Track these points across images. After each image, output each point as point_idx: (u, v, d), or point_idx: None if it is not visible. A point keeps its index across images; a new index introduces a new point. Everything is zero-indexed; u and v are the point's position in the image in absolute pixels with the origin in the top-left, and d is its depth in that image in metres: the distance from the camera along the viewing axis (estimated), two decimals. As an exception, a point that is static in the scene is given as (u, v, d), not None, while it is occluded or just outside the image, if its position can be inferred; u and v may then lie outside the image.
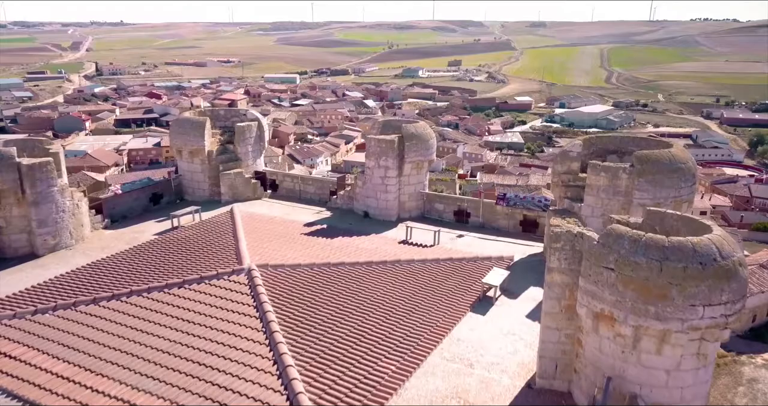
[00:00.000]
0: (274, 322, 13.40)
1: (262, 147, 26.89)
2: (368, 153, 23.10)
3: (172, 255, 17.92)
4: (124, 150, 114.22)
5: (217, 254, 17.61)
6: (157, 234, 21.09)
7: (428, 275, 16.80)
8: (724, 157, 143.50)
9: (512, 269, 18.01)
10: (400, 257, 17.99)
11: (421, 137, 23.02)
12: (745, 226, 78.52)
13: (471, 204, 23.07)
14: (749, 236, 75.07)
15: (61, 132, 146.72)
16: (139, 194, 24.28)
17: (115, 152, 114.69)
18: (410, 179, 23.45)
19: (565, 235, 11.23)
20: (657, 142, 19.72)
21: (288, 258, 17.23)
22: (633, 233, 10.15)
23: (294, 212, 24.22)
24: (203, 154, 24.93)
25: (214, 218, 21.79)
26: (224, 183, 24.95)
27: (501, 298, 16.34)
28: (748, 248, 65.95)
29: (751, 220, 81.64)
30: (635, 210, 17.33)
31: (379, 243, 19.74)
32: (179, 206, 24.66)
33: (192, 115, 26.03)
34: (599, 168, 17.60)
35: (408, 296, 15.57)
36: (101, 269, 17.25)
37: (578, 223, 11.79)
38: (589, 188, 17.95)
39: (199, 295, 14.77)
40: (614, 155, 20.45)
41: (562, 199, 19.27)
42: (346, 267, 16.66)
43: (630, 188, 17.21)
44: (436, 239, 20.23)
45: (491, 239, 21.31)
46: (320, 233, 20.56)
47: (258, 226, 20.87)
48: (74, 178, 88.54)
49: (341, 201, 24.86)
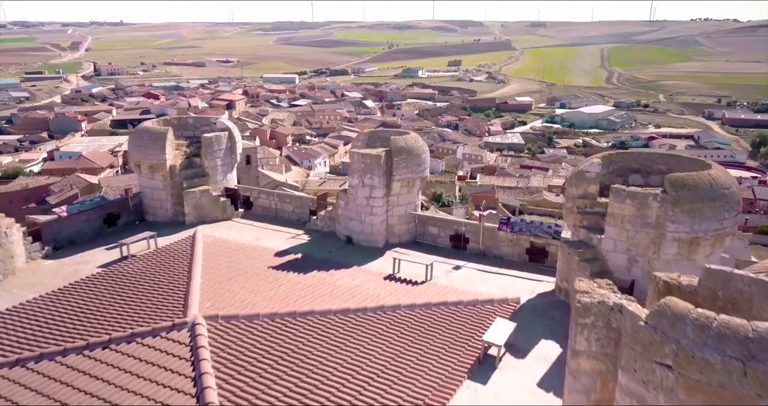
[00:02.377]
0: (214, 404, 10.34)
1: (234, 160, 23.82)
2: (351, 169, 20.03)
3: (107, 298, 14.85)
4: (120, 152, 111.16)
5: (162, 298, 14.56)
6: (102, 266, 18.03)
7: (416, 327, 13.72)
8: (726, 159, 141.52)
9: (519, 316, 14.96)
10: (383, 300, 14.93)
11: (412, 151, 19.96)
12: (749, 229, 75.93)
13: (470, 228, 20.01)
14: (754, 239, 72.29)
15: (57, 133, 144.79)
16: (90, 216, 21.22)
17: (110, 154, 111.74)
18: (400, 199, 20.39)
19: (598, 308, 8.15)
20: (689, 161, 16.63)
21: (246, 304, 14.18)
22: (700, 315, 7.07)
23: (267, 235, 21.15)
24: (164, 169, 21.86)
25: (171, 247, 18.75)
26: (188, 202, 21.89)
27: (506, 356, 13.27)
28: (754, 252, 63.00)
29: (756, 223, 79.15)
30: (669, 245, 14.30)
31: (361, 279, 16.66)
32: (138, 228, 21.69)
33: (153, 125, 22.96)
34: (624, 194, 14.53)
35: (390, 358, 12.50)
36: (16, 318, 14.18)
37: (613, 287, 8.69)
38: (612, 218, 14.89)
39: (125, 360, 11.70)
40: (638, 175, 17.42)
41: (578, 228, 16.21)
42: (316, 318, 13.60)
43: (662, 219, 14.16)
44: (428, 274, 17.16)
45: (493, 271, 18.24)
46: (293, 266, 17.47)
47: (220, 257, 17.81)
48: (67, 180, 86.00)
49: (322, 223, 21.81)
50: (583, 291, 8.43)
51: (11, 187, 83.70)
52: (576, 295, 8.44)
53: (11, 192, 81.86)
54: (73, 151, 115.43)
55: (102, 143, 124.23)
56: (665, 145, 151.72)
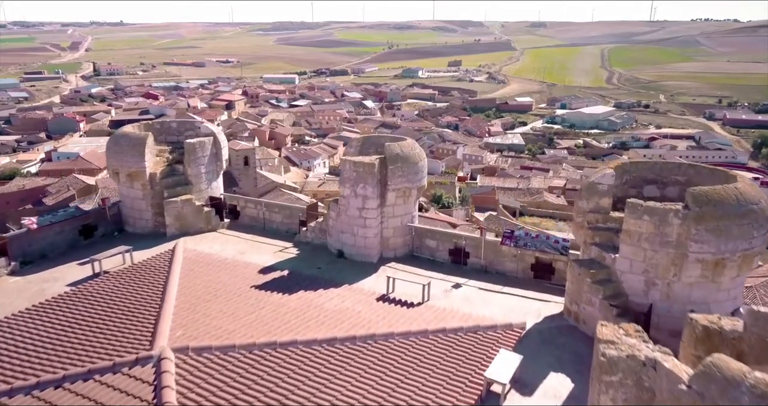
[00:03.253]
0: (174, 458, 8.94)
1: (219, 167, 22.40)
2: (343, 178, 18.61)
3: (70, 325, 13.43)
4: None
5: (130, 324, 13.15)
6: (71, 284, 16.62)
7: (411, 360, 12.30)
8: (728, 159, 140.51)
9: (524, 344, 13.55)
10: (375, 326, 13.52)
11: (408, 159, 18.54)
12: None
13: (470, 242, 18.59)
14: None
15: (55, 133, 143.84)
16: (63, 227, 19.82)
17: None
18: (395, 210, 18.97)
19: (626, 363, 6.74)
20: (710, 172, 15.22)
21: (222, 332, 12.76)
22: (759, 381, 5.67)
23: (253, 248, 19.74)
24: (144, 177, 20.44)
25: (147, 262, 17.31)
26: (169, 213, 20.47)
27: (511, 393, 11.85)
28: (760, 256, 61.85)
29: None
30: (691, 267, 12.89)
31: (352, 301, 15.24)
32: (117, 240, 20.32)
33: (133, 129, 21.55)
34: (641, 209, 13.11)
35: (382, 396, 11.07)
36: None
37: (642, 335, 7.26)
38: (627, 235, 13.47)
39: (80, 402, 10.31)
40: (653, 186, 16.01)
41: (589, 245, 14.79)
42: (299, 349, 12.18)
43: (684, 238, 12.74)
44: (425, 294, 15.74)
45: (496, 290, 16.82)
46: (277, 285, 16.04)
47: (200, 274, 16.40)
48: (64, 181, 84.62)
49: (312, 235, 20.40)
50: (608, 341, 7.00)
51: (8, 189, 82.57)
52: (599, 345, 7.02)
53: (8, 193, 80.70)
54: (71, 151, 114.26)
55: (100, 144, 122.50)
56: (666, 146, 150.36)
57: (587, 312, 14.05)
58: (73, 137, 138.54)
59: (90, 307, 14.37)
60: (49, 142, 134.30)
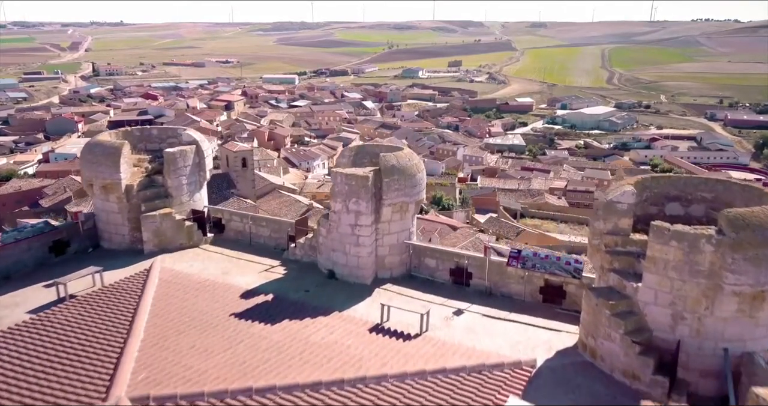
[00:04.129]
0: None
1: (203, 178, 20.82)
2: (334, 192, 17.04)
3: (20, 366, 11.84)
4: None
5: (87, 365, 11.58)
6: (32, 311, 15.04)
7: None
8: (729, 160, 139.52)
9: (535, 385, 11.97)
10: (366, 366, 11.94)
11: (405, 171, 16.98)
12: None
13: (473, 262, 17.03)
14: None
15: (53, 134, 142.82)
16: (31, 244, 18.25)
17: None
18: (391, 227, 17.40)
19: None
20: (741, 188, 13.67)
21: (192, 374, 11.20)
22: None
23: (237, 267, 18.15)
24: (119, 189, 18.86)
25: (119, 285, 15.76)
26: (147, 228, 18.89)
27: (521, 448, 10.29)
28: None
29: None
30: (726, 300, 11.32)
31: (341, 332, 13.67)
32: (91, 257, 18.77)
33: (108, 138, 19.98)
34: (668, 234, 11.55)
35: (371, 457, 9.54)
36: None
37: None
38: (651, 262, 11.91)
39: (15, 468, 8.77)
40: (676, 203, 14.45)
41: (606, 271, 13.22)
42: (278, 396, 10.61)
43: (717, 267, 11.18)
44: (423, 324, 14.16)
45: (501, 317, 15.24)
46: (259, 313, 14.47)
47: (175, 299, 14.86)
48: (61, 183, 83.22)
49: (301, 252, 18.82)
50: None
51: (4, 190, 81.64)
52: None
53: (4, 195, 79.67)
54: (68, 152, 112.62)
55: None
56: (667, 147, 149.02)
57: (606, 348, 12.48)
58: (72, 138, 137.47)
59: (47, 340, 12.81)
60: (47, 143, 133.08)
